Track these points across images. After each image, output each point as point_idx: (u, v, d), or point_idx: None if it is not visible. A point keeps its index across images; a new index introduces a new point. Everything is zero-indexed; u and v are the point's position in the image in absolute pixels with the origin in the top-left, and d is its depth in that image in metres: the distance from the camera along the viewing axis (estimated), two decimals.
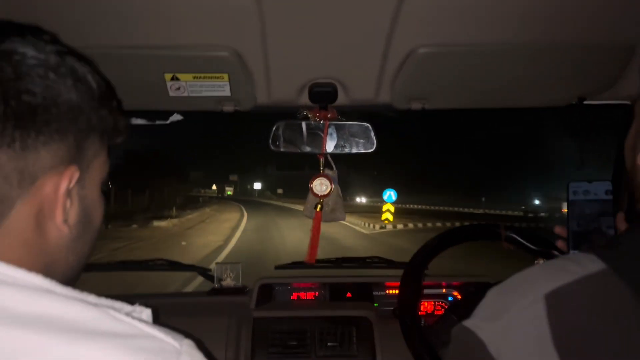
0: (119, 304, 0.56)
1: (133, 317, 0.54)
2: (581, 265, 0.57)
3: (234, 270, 1.82)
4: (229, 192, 73.52)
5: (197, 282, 6.45)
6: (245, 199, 74.14)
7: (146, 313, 0.56)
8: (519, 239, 1.30)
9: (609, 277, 0.55)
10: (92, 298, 0.54)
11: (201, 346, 0.55)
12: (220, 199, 66.21)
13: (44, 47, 0.56)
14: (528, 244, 1.30)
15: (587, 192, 1.03)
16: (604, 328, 0.53)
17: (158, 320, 0.56)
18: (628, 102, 1.37)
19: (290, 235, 16.02)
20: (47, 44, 0.57)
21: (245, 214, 31.29)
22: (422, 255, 1.33)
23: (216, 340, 1.57)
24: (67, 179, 0.57)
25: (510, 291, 0.60)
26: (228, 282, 1.80)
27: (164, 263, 1.89)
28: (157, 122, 1.63)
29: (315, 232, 1.54)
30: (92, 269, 1.85)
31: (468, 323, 0.60)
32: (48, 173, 0.55)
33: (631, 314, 0.52)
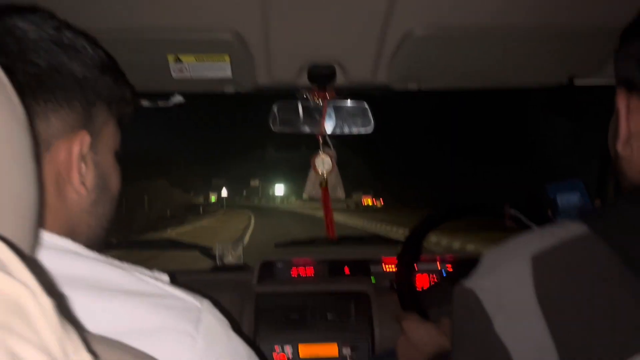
0: (140, 268, 0.58)
1: (158, 280, 0.56)
2: (568, 230, 0.60)
3: (236, 249, 1.88)
4: (213, 199, 62.50)
5: None
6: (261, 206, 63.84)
7: (165, 277, 0.58)
8: (523, 217, 1.34)
9: (593, 240, 0.57)
10: (117, 262, 0.57)
11: (218, 305, 0.58)
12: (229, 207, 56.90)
13: (43, 22, 0.60)
14: (531, 223, 1.34)
15: (563, 189, 1.14)
16: (587, 289, 0.54)
17: (176, 284, 0.58)
18: None
19: None
20: (46, 20, 0.60)
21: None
22: (424, 224, 1.38)
23: None
24: (79, 143, 0.60)
25: (503, 252, 0.63)
26: (230, 259, 1.86)
27: (166, 242, 1.95)
28: (160, 104, 1.66)
29: (327, 208, 1.60)
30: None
31: (467, 283, 0.63)
32: (60, 139, 0.59)
33: (614, 276, 0.54)
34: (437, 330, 1.15)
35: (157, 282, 0.55)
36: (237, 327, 0.61)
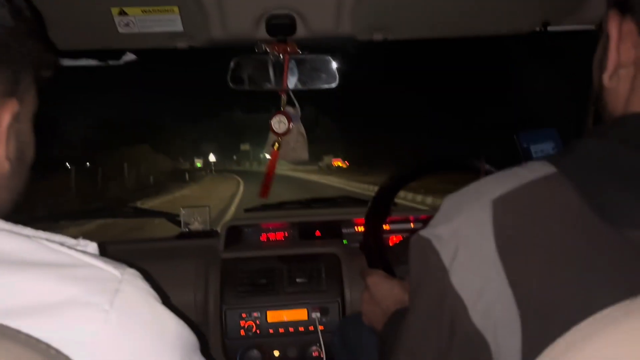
0: (59, 237, 0.55)
1: (77, 250, 0.53)
2: (531, 170, 0.57)
3: (202, 214, 1.84)
4: (198, 165, 58.24)
5: None
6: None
7: (92, 246, 0.55)
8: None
9: (557, 180, 0.54)
10: (28, 231, 0.54)
11: (149, 278, 0.54)
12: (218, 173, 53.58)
13: None
14: None
15: (536, 139, 1.11)
16: (551, 236, 0.51)
17: (106, 254, 0.55)
18: (592, 27, 1.36)
19: None
20: None
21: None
22: (395, 180, 1.34)
23: (185, 282, 1.61)
24: (9, 113, 0.57)
25: (462, 197, 0.60)
26: (196, 226, 1.83)
27: (130, 210, 1.91)
28: (110, 63, 1.59)
29: (270, 169, 1.55)
30: (62, 219, 1.84)
31: (423, 232, 0.60)
32: None
33: (581, 222, 0.51)
34: (401, 286, 1.13)
35: (69, 251, 0.51)
36: (168, 302, 0.56)
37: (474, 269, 0.54)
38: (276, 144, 1.49)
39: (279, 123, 1.51)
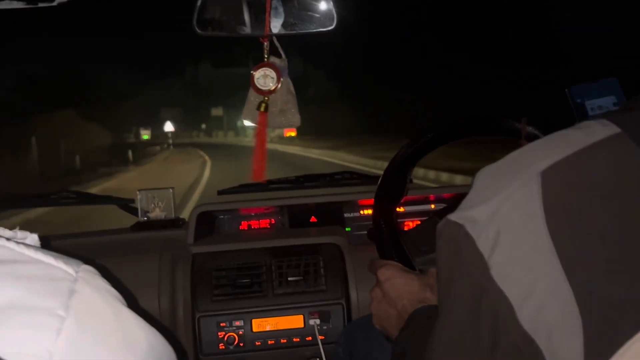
0: None
1: (16, 242, 0.48)
2: (587, 133, 0.53)
3: (164, 198, 1.64)
4: (145, 137, 46.96)
5: None
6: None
7: (31, 238, 0.50)
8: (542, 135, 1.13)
9: (621, 143, 0.51)
10: None
11: (109, 276, 0.50)
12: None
13: None
14: None
15: (593, 93, 1.03)
16: (613, 211, 0.48)
17: (49, 248, 0.50)
18: None
19: None
20: None
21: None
22: (412, 148, 1.20)
23: (146, 285, 1.47)
24: None
25: (502, 172, 0.56)
26: (157, 213, 1.63)
27: (71, 195, 1.72)
28: (40, 4, 1.32)
29: (260, 140, 1.35)
30: None
31: (454, 216, 0.56)
32: None
33: None
34: (420, 281, 1.03)
35: (9, 243, 0.47)
36: (135, 305, 0.46)
37: (521, 259, 0.51)
38: (262, 105, 1.27)
39: (264, 78, 1.29)
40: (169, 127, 49.32)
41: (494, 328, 0.52)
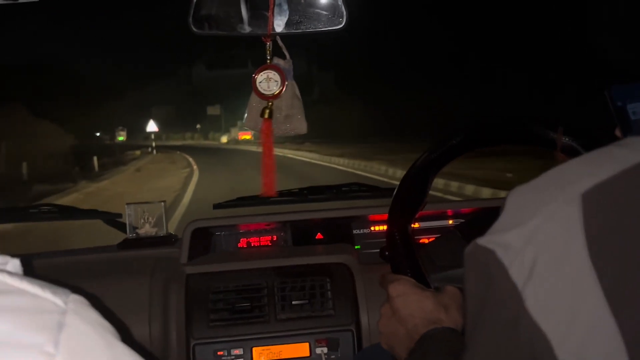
0: None
1: None
2: (634, 149, 0.51)
3: (154, 213, 1.55)
4: (120, 138, 40.03)
5: None
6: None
7: (12, 263, 0.47)
8: (580, 147, 1.06)
9: None
10: None
11: (97, 304, 0.46)
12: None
13: None
14: None
15: (637, 95, 0.90)
16: None
17: (32, 274, 0.46)
18: None
19: None
20: None
21: None
22: (432, 156, 1.11)
23: (135, 309, 1.39)
24: None
25: (539, 192, 0.53)
26: (147, 229, 1.55)
27: (53, 209, 1.63)
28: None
29: (268, 150, 1.25)
30: None
31: (483, 240, 0.53)
32: None
33: None
34: (434, 299, 0.98)
35: None
36: (127, 336, 0.52)
37: (560, 290, 0.48)
38: (266, 112, 1.19)
39: (267, 82, 1.21)
40: (152, 127, 41.05)
41: None
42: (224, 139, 52.79)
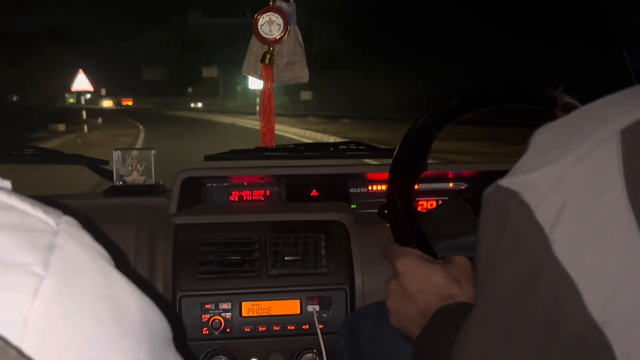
0: None
1: None
2: None
3: (143, 160, 1.52)
4: (71, 100, 33.53)
5: None
6: None
7: (6, 182, 0.45)
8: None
9: None
10: None
11: (93, 229, 0.44)
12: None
13: None
14: None
15: None
16: None
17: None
18: None
19: None
20: None
21: None
22: (434, 116, 1.09)
23: (120, 258, 1.35)
24: None
25: (571, 129, 0.50)
26: (134, 177, 1.52)
27: (36, 152, 1.59)
28: None
29: (268, 99, 1.23)
30: None
31: (506, 181, 0.50)
32: None
33: None
34: (445, 273, 0.95)
35: None
36: (124, 266, 0.53)
37: (592, 234, 0.45)
38: (267, 57, 1.16)
39: (269, 25, 1.18)
40: (81, 84, 25.17)
41: (552, 316, 0.46)
42: (225, 104, 43.88)
